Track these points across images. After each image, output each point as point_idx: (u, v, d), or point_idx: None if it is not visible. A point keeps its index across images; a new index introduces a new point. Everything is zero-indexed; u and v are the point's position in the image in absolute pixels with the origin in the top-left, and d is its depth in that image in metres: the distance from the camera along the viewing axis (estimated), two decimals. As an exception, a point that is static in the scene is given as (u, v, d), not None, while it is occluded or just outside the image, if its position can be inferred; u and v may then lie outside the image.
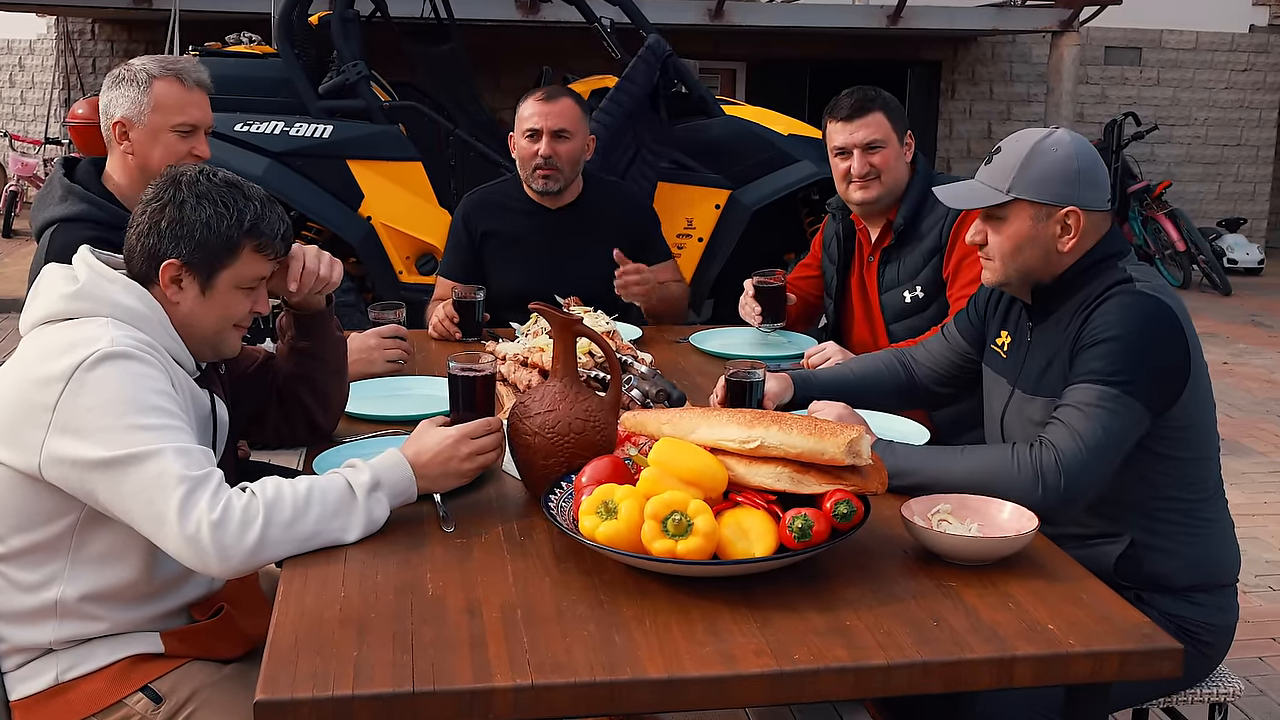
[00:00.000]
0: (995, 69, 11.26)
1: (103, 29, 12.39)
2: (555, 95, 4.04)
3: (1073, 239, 2.57)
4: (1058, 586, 2.07)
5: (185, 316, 2.36)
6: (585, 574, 2.09)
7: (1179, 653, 1.89)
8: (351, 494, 2.22)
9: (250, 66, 6.42)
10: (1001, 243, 2.61)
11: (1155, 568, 2.58)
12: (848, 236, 3.75)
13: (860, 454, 2.10)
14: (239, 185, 2.39)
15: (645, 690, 1.78)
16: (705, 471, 2.09)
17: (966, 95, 11.27)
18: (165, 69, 3.07)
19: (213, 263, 2.35)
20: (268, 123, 6.03)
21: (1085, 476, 2.40)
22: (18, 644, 2.29)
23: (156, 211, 2.33)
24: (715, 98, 6.76)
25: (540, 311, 2.39)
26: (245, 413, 2.67)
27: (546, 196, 4.04)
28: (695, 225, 6.44)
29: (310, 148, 6.03)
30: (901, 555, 2.18)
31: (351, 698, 1.73)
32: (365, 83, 6.09)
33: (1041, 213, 2.56)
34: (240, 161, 5.97)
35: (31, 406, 2.17)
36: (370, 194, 6.09)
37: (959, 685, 1.86)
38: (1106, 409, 2.42)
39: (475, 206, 4.18)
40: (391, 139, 6.11)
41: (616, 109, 6.10)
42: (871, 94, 3.59)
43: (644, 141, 6.25)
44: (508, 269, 4.07)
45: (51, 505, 2.22)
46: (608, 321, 3.12)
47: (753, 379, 2.80)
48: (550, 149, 3.95)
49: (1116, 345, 2.46)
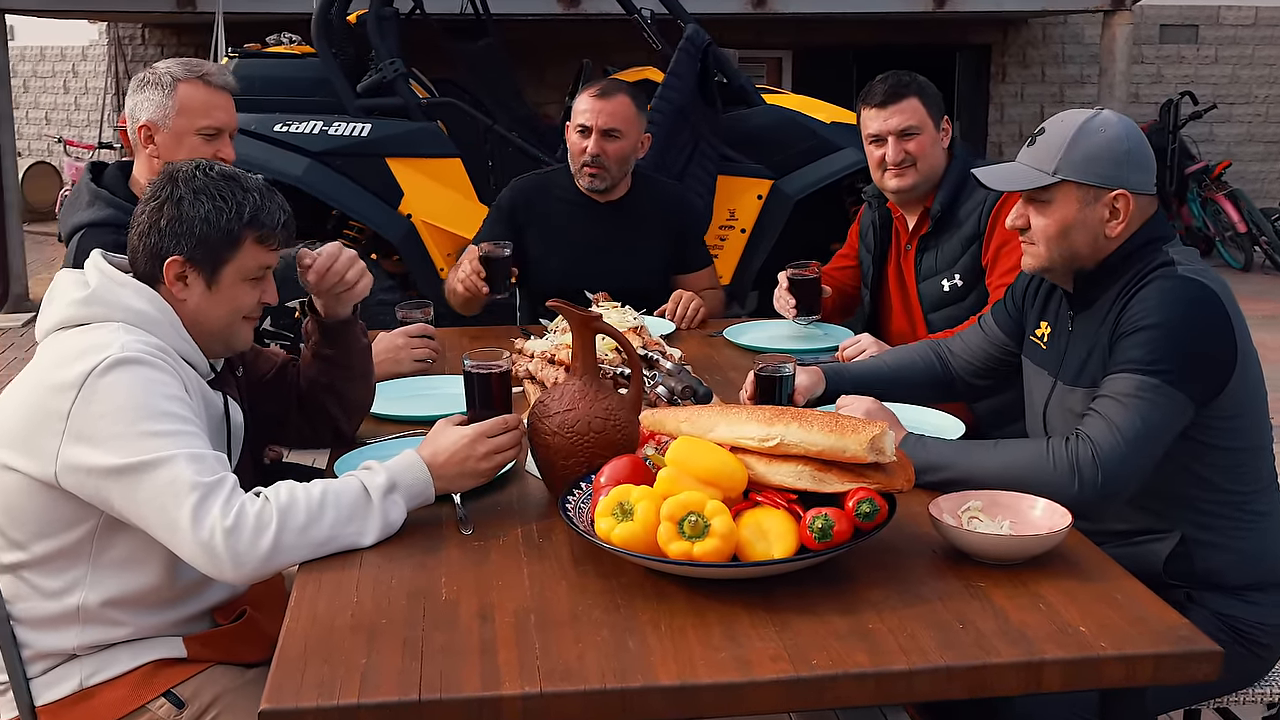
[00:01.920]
0: (1047, 51, 11.09)
1: (152, 34, 12.48)
2: (610, 92, 3.96)
3: (1121, 223, 2.49)
4: (1092, 586, 1.99)
5: (194, 313, 2.34)
6: (603, 577, 2.04)
7: (1218, 656, 1.81)
8: (367, 497, 2.19)
9: (289, 67, 6.42)
10: (1046, 226, 2.52)
11: (1207, 564, 2.49)
12: (884, 225, 3.68)
13: (884, 451, 2.03)
14: (237, 177, 2.36)
15: (657, 698, 1.73)
16: (723, 471, 2.04)
17: (1018, 78, 11.11)
18: (189, 72, 3.06)
19: (216, 257, 2.33)
20: (307, 122, 6.01)
21: (1123, 470, 2.32)
22: (42, 650, 2.27)
23: (155, 210, 2.31)
24: (756, 87, 6.68)
25: (559, 308, 2.35)
26: (266, 417, 2.64)
27: (594, 192, 3.99)
28: (738, 216, 6.37)
29: (349, 146, 6.01)
30: (930, 555, 2.12)
31: (357, 706, 1.70)
32: (403, 80, 6.07)
33: (1089, 195, 2.48)
34: (280, 162, 5.97)
35: (46, 414, 2.16)
36: (410, 191, 6.07)
37: (985, 691, 1.79)
38: (1146, 399, 2.34)
39: (524, 192, 4.12)
40: (430, 136, 6.09)
41: (667, 106, 6.02)
42: (906, 79, 3.52)
43: (701, 134, 6.18)
44: (549, 260, 4.02)
45: (70, 512, 2.20)
46: (635, 317, 3.07)
47: (782, 373, 2.74)
48: (599, 147, 3.89)
49: (1156, 333, 2.38)
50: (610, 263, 3.94)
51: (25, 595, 2.26)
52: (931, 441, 2.44)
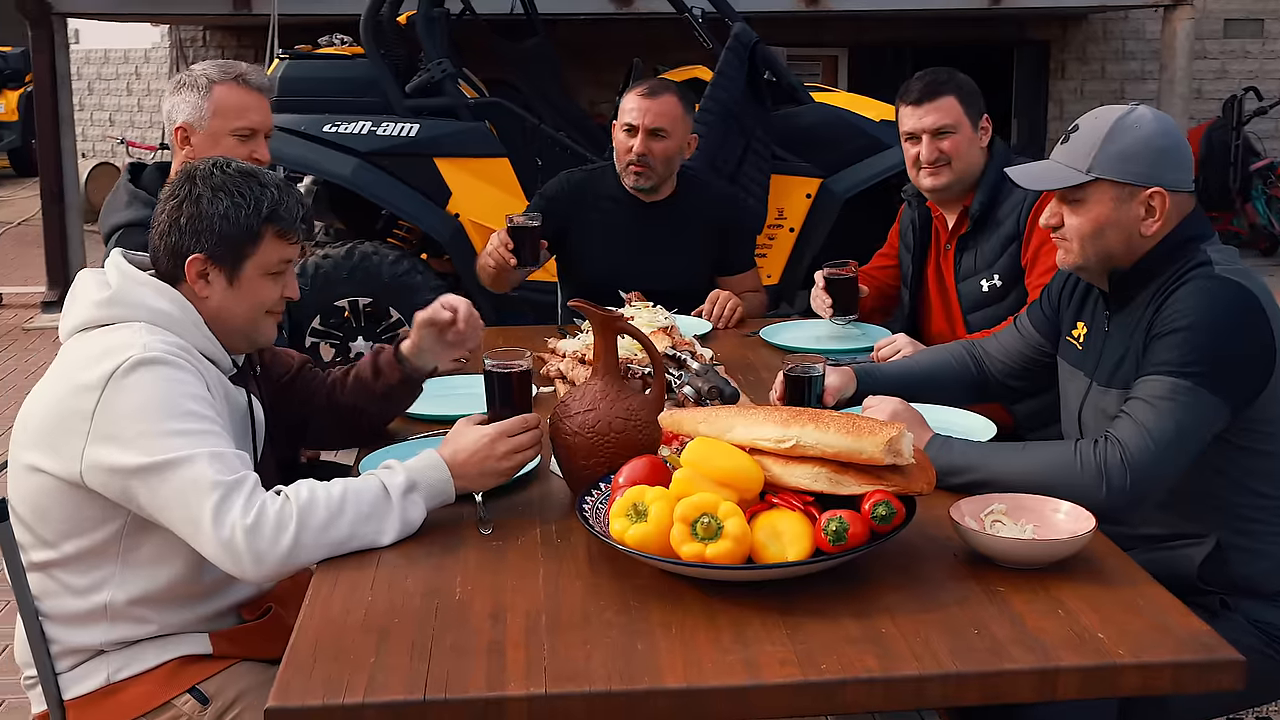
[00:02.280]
0: (1107, 47, 10.94)
1: (213, 36, 12.61)
2: (658, 91, 3.94)
3: (1157, 222, 2.44)
4: (1114, 592, 1.96)
5: (217, 310, 2.35)
6: (618, 578, 2.03)
7: (1240, 665, 1.77)
8: (386, 496, 2.19)
9: (339, 68, 6.46)
10: (1081, 225, 2.48)
11: (1243, 570, 2.44)
12: (924, 225, 3.64)
13: (901, 453, 2.01)
14: (255, 173, 2.37)
15: (663, 700, 1.72)
16: (739, 472, 2.02)
17: (1077, 75, 10.96)
18: (225, 74, 3.08)
19: (237, 253, 2.34)
20: (356, 123, 6.04)
21: (1153, 474, 2.28)
22: (70, 646, 2.30)
23: (175, 209, 2.33)
24: (805, 85, 6.64)
25: (581, 308, 2.34)
26: (284, 418, 2.65)
27: (640, 191, 3.98)
28: (786, 215, 6.33)
29: (398, 147, 6.04)
30: (950, 558, 2.09)
31: (362, 705, 1.70)
32: (450, 80, 6.09)
33: (1124, 193, 2.44)
34: (329, 162, 6.01)
35: (70, 415, 2.18)
36: (458, 191, 6.09)
37: (998, 697, 1.77)
38: (1178, 402, 2.30)
39: (569, 186, 4.11)
40: (478, 136, 6.10)
41: (716, 106, 5.99)
42: (943, 76, 3.48)
43: (753, 133, 6.15)
44: (593, 258, 4.02)
45: (98, 511, 2.22)
46: (666, 317, 3.06)
47: (811, 374, 2.71)
48: (645, 147, 3.87)
49: (1190, 334, 2.33)
50: (653, 262, 3.93)
51: (54, 592, 2.28)
52: (957, 443, 2.40)
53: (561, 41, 10.12)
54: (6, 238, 11.78)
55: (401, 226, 6.51)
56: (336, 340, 6.25)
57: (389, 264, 6.09)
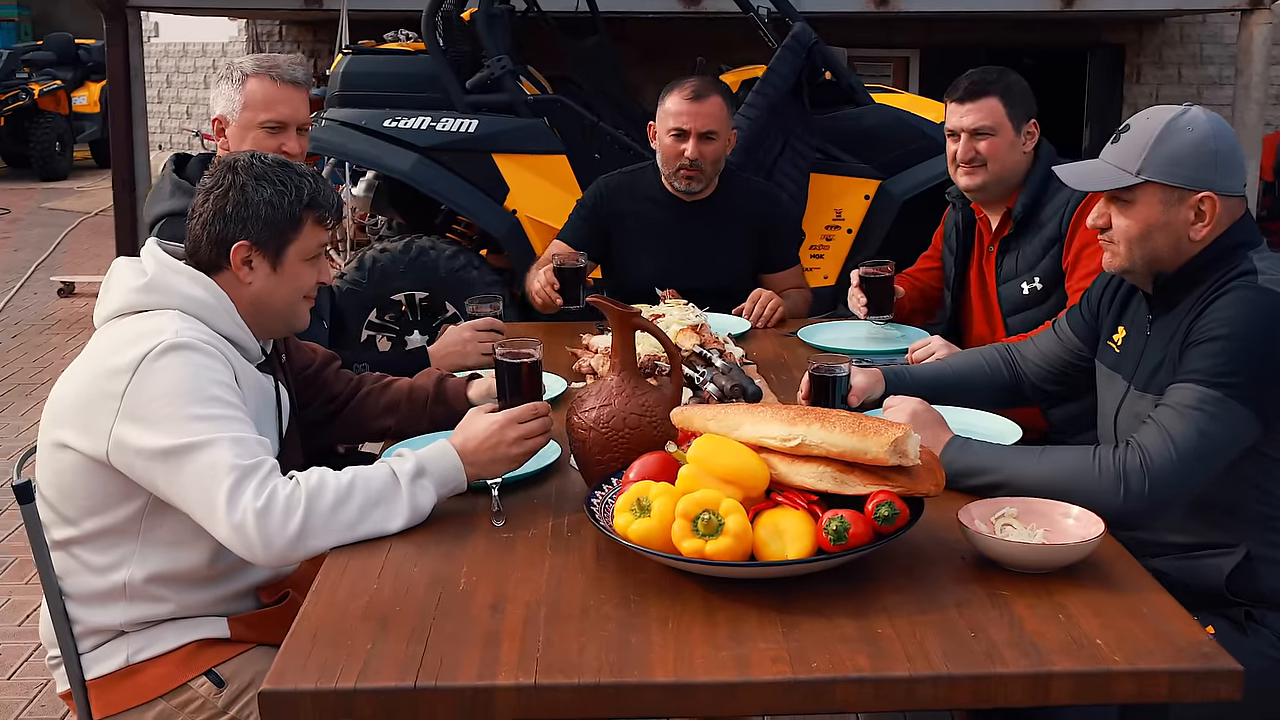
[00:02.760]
0: (1184, 51, 10.75)
1: (289, 30, 12.76)
2: (704, 94, 3.92)
3: (1206, 226, 2.40)
4: (1119, 598, 1.94)
5: (258, 294, 2.40)
6: (622, 573, 2.04)
7: (1238, 675, 1.75)
8: (395, 482, 2.22)
9: (401, 63, 6.50)
10: (1128, 227, 2.45)
11: (1273, 582, 2.40)
12: (967, 227, 3.62)
13: (906, 454, 2.00)
14: (289, 164, 2.45)
15: (651, 694, 1.73)
16: (744, 470, 2.02)
17: (1153, 79, 10.78)
18: (258, 67, 3.13)
19: (280, 239, 2.40)
20: (416, 118, 6.08)
21: (1173, 482, 2.25)
22: (92, 625, 2.35)
23: (220, 198, 2.38)
24: (867, 86, 6.60)
25: (598, 304, 2.35)
26: (309, 415, 2.69)
27: (686, 194, 3.98)
28: (844, 216, 6.29)
29: (456, 142, 6.07)
30: (959, 561, 2.08)
31: (353, 691, 1.73)
32: (510, 77, 6.11)
33: (1173, 196, 2.40)
34: (388, 157, 6.06)
35: (102, 395, 2.24)
36: (515, 187, 6.11)
37: (989, 701, 1.76)
38: (1206, 413, 2.26)
39: (608, 190, 4.13)
40: (536, 132, 6.12)
41: (762, 101, 5.99)
42: (991, 77, 3.45)
43: (792, 132, 6.14)
44: (637, 258, 4.03)
45: (120, 489, 2.27)
46: (697, 314, 3.06)
47: (836, 374, 2.70)
48: (697, 151, 3.87)
49: (1225, 344, 2.30)
50: (695, 261, 3.93)
51: (75, 571, 2.34)
52: (977, 445, 2.39)
53: (630, 40, 10.16)
54: (83, 228, 12.02)
55: (461, 222, 6.55)
56: (393, 333, 6.30)
57: (445, 259, 6.13)
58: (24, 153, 15.72)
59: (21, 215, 13.05)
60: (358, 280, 6.16)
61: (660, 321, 2.98)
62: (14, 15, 21.00)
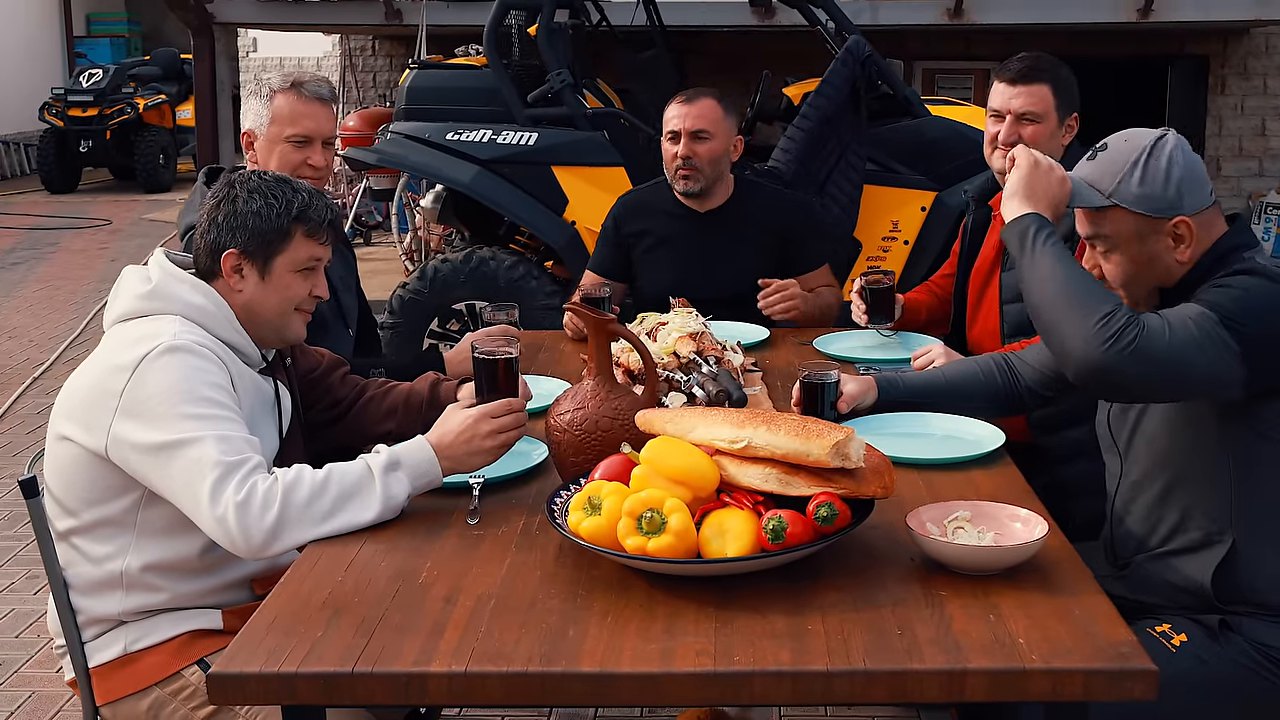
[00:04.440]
0: (1270, 61, 10.56)
1: (381, 45, 13.04)
2: (695, 96, 4.06)
3: (1189, 248, 2.42)
4: (1054, 600, 1.97)
5: (248, 303, 2.52)
6: (577, 569, 2.12)
7: (1154, 675, 1.78)
8: (369, 474, 2.32)
9: (464, 78, 6.65)
10: (1115, 273, 2.46)
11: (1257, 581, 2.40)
12: (976, 229, 3.63)
13: (848, 456, 2.05)
14: (288, 180, 2.58)
15: (575, 683, 1.80)
16: (693, 470, 2.09)
17: (1238, 90, 10.61)
18: (285, 83, 3.25)
19: (268, 249, 2.52)
20: (477, 131, 6.22)
21: (1153, 358, 2.23)
22: (93, 615, 2.48)
23: (214, 209, 2.52)
24: (921, 97, 6.61)
25: (572, 310, 2.43)
26: (313, 418, 2.80)
27: (692, 199, 4.06)
28: (901, 228, 6.31)
29: (517, 155, 6.20)
30: (908, 563, 2.12)
31: (295, 675, 1.82)
32: (570, 90, 6.22)
33: (1146, 225, 2.41)
34: (450, 169, 6.21)
35: (103, 392, 2.37)
36: (574, 199, 6.22)
37: (905, 696, 1.82)
38: (1204, 330, 2.25)
39: (627, 208, 4.24)
40: (595, 145, 6.23)
41: (815, 113, 6.03)
42: (1045, 64, 3.43)
43: (848, 145, 6.17)
44: (656, 271, 4.12)
45: (118, 483, 2.40)
46: (701, 322, 3.12)
47: (825, 380, 2.76)
48: (689, 149, 3.97)
49: (1238, 292, 2.31)
50: (713, 271, 4.00)
51: (75, 561, 2.47)
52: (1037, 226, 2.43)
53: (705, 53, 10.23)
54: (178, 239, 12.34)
55: (524, 233, 6.67)
56: (454, 341, 6.44)
57: (505, 269, 6.26)
58: (129, 165, 16.22)
59: (123, 226, 13.48)
60: (419, 290, 6.31)
61: (662, 329, 3.05)
62: (124, 31, 21.63)
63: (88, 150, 15.86)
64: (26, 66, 18.74)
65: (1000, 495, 2.37)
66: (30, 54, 19.16)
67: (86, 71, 16.43)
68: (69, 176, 16.14)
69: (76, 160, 16.08)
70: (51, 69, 19.61)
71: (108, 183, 16.97)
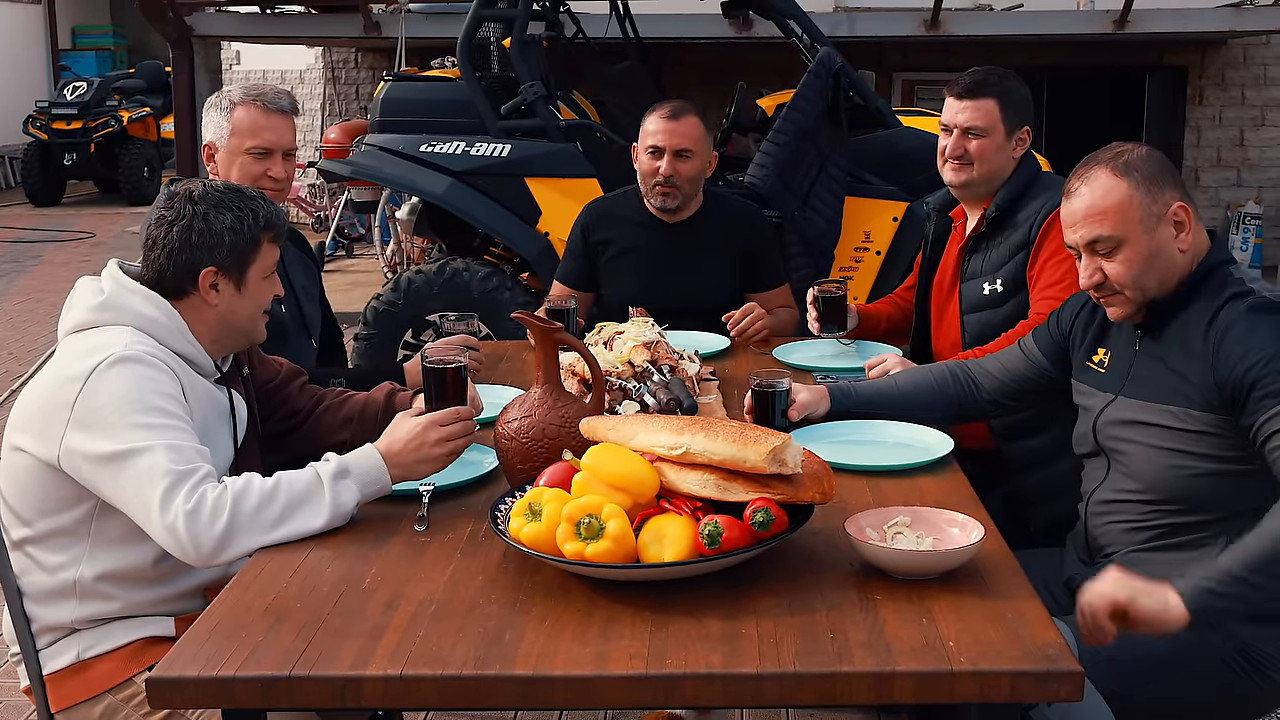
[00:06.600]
0: (1248, 72, 10.62)
1: (364, 57, 13.07)
2: (680, 113, 4.05)
3: (1188, 233, 2.50)
4: (988, 604, 2.00)
5: (224, 314, 2.56)
6: (520, 574, 2.14)
7: (1079, 676, 1.80)
8: (318, 481, 2.34)
9: (438, 90, 6.67)
10: (1120, 271, 2.51)
11: None
12: (937, 239, 3.66)
13: (785, 462, 2.08)
14: (238, 189, 2.61)
15: (508, 686, 1.82)
16: (633, 477, 2.11)
17: (1216, 101, 10.67)
18: (246, 95, 3.27)
19: (243, 261, 2.55)
20: (450, 143, 6.25)
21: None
22: (47, 623, 2.49)
23: (183, 229, 2.52)
24: (891, 109, 6.65)
25: (521, 320, 2.46)
26: (270, 428, 2.82)
27: (665, 212, 4.08)
28: (873, 239, 6.34)
29: (490, 166, 6.22)
30: (847, 568, 2.14)
31: (234, 679, 1.84)
32: (542, 102, 6.25)
33: (1151, 217, 2.48)
34: (424, 180, 6.23)
35: (55, 404, 2.39)
36: (547, 210, 6.24)
37: (834, 698, 1.84)
38: None
39: (594, 216, 4.26)
40: (568, 156, 6.25)
41: (791, 127, 6.07)
42: (993, 78, 3.47)
43: (828, 156, 6.20)
44: (622, 280, 4.14)
45: (70, 493, 2.42)
46: (657, 331, 3.15)
47: (775, 389, 2.79)
48: (672, 168, 3.98)
49: None
50: (679, 282, 4.02)
51: (30, 570, 2.49)
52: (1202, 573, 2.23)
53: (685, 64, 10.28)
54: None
55: (498, 245, 6.70)
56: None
57: (478, 280, 6.28)
58: (114, 178, 16.24)
59: (106, 239, 13.49)
60: (393, 301, 6.33)
61: (619, 338, 3.08)
62: (110, 44, 21.65)
63: (72, 163, 15.90)
64: (11, 79, 18.76)
65: (945, 501, 2.41)
66: (15, 66, 19.17)
67: (71, 84, 16.47)
68: (53, 189, 16.16)
69: (61, 173, 16.11)
70: (36, 82, 19.62)
71: (92, 195, 16.99)
